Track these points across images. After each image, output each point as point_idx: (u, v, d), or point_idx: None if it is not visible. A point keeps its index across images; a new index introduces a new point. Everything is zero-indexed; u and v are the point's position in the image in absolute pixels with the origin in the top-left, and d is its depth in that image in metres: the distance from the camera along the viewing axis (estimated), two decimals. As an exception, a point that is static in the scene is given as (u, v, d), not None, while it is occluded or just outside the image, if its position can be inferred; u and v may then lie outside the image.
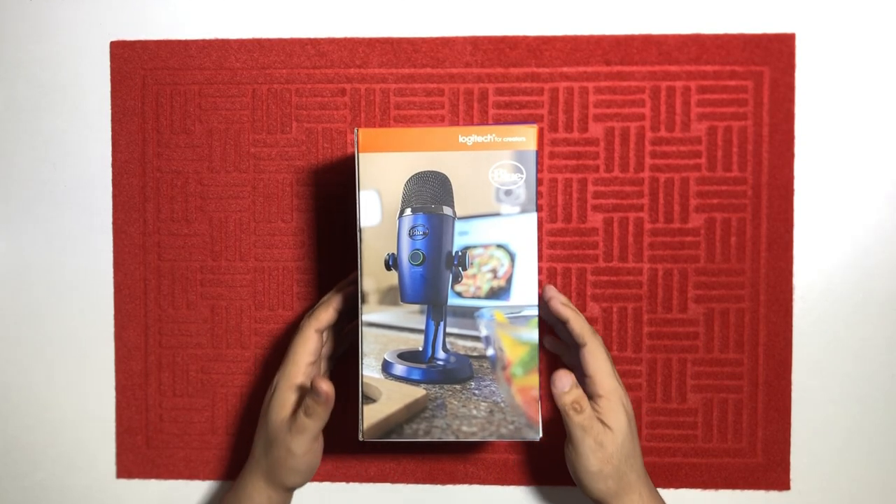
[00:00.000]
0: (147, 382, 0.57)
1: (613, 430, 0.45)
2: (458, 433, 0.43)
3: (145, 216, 0.56)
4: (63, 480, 0.58)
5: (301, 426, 0.44)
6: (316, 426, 0.44)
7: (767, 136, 0.54)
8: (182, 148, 0.56)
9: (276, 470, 0.46)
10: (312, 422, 0.43)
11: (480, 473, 0.56)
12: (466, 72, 0.55)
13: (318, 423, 0.44)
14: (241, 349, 0.57)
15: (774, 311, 0.55)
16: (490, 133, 0.42)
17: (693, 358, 0.55)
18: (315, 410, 0.43)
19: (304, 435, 0.44)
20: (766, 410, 0.55)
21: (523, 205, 0.43)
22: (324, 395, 0.42)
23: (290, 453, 0.45)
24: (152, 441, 0.57)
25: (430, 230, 0.43)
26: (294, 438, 0.44)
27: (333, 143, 0.56)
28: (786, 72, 0.54)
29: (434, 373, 0.43)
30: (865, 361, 0.55)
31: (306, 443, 0.44)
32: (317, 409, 0.43)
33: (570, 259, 0.55)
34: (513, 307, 0.43)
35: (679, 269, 0.55)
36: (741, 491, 0.56)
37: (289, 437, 0.44)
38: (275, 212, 0.56)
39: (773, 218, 0.55)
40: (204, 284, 0.56)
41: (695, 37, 0.54)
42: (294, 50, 0.55)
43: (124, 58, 0.56)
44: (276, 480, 0.47)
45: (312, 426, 0.44)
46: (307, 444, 0.44)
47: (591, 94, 0.55)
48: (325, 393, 0.42)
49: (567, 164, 0.55)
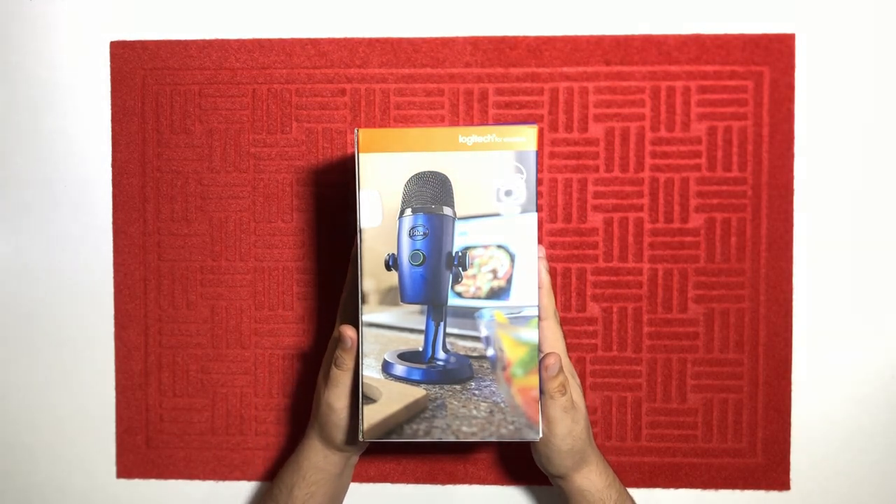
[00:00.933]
0: (147, 382, 0.57)
1: (578, 408, 0.46)
2: (458, 433, 0.43)
3: (145, 216, 0.56)
4: (63, 480, 0.58)
5: (334, 379, 0.45)
6: (347, 377, 0.45)
7: (767, 136, 0.54)
8: (182, 148, 0.56)
9: (324, 429, 0.47)
10: (343, 373, 0.45)
11: (480, 473, 0.56)
12: (466, 72, 0.55)
13: (348, 373, 0.45)
14: (241, 349, 0.57)
15: (774, 311, 0.55)
16: (490, 133, 0.42)
17: (693, 358, 0.55)
18: (343, 360, 0.44)
19: (339, 387, 0.45)
20: (766, 410, 0.55)
21: (523, 205, 0.43)
22: (349, 342, 0.43)
23: (331, 408, 0.46)
24: (152, 441, 0.57)
25: (430, 230, 0.43)
26: (331, 392, 0.45)
27: (333, 143, 0.56)
28: (786, 72, 0.54)
29: (434, 373, 0.43)
30: (865, 362, 0.55)
31: (343, 396, 0.45)
32: (345, 358, 0.44)
33: (570, 259, 0.55)
34: (513, 307, 0.43)
35: (679, 269, 0.55)
36: (741, 491, 0.56)
37: (327, 393, 0.46)
38: (275, 212, 0.56)
39: (773, 218, 0.55)
40: (204, 284, 0.56)
41: (695, 37, 0.54)
42: (294, 50, 0.55)
43: (124, 58, 0.56)
44: (327, 439, 0.48)
45: (344, 377, 0.45)
46: (345, 398, 0.45)
47: (591, 94, 0.55)
48: (351, 339, 0.43)
49: (567, 164, 0.55)
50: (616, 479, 0.49)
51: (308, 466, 0.49)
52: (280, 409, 0.57)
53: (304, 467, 0.49)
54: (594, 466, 0.48)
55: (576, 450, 0.46)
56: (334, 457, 0.49)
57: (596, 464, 0.48)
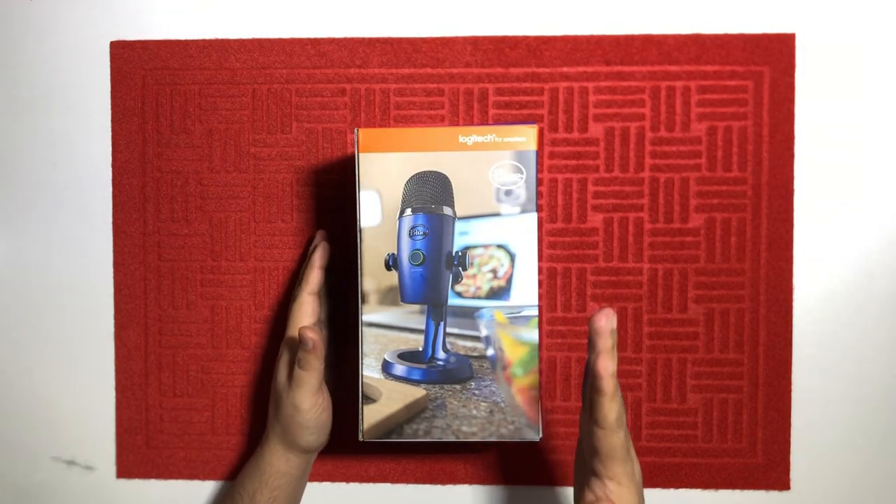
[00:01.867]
0: (147, 382, 0.57)
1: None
2: (458, 433, 0.43)
3: (145, 216, 0.56)
4: (63, 480, 0.58)
5: (299, 380, 0.45)
6: (312, 377, 0.45)
7: (767, 136, 0.54)
8: (182, 148, 0.56)
9: (288, 430, 0.47)
10: (307, 373, 0.44)
11: (480, 473, 0.56)
12: (466, 72, 0.55)
13: (313, 373, 0.45)
14: (241, 349, 0.57)
15: (774, 311, 0.55)
16: (490, 133, 0.42)
17: (693, 358, 0.55)
18: (308, 360, 0.44)
19: (304, 388, 0.45)
20: (766, 410, 0.55)
21: (523, 205, 0.43)
22: (311, 343, 0.43)
23: (296, 409, 0.46)
24: (152, 441, 0.57)
25: (430, 230, 0.43)
26: (295, 393, 0.45)
27: (333, 143, 0.56)
28: (786, 72, 0.54)
29: (434, 373, 0.43)
30: (865, 361, 0.55)
31: (309, 396, 0.45)
32: (309, 359, 0.44)
33: (570, 259, 0.55)
34: (513, 307, 0.43)
35: (679, 269, 0.55)
36: (741, 491, 0.56)
37: (291, 394, 0.46)
38: (275, 212, 0.56)
39: (773, 218, 0.55)
40: (204, 284, 0.56)
41: (695, 37, 0.54)
42: (294, 50, 0.55)
43: (124, 58, 0.56)
44: (290, 441, 0.48)
45: (309, 377, 0.45)
46: (310, 398, 0.45)
47: (591, 94, 0.55)
48: (313, 340, 0.43)
49: (567, 164, 0.55)
50: None
51: (270, 472, 0.48)
52: (280, 409, 0.57)
53: (266, 472, 0.48)
54: None
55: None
56: (297, 459, 0.49)
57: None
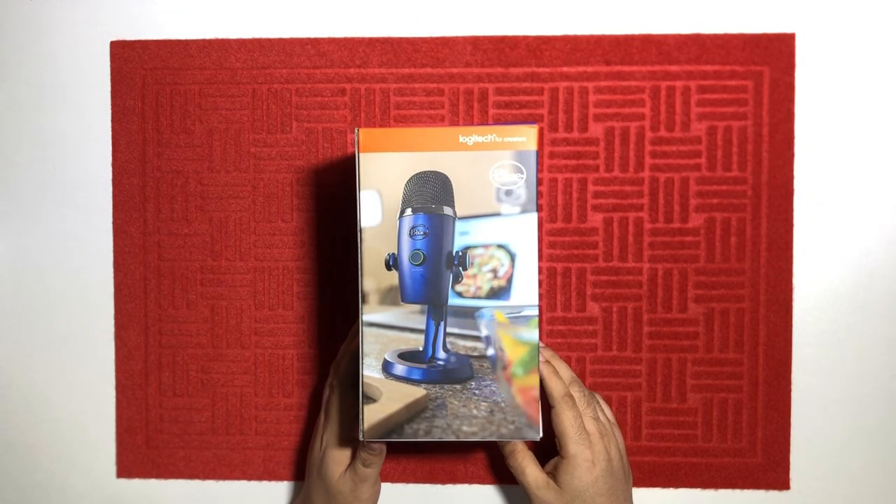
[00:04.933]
0: (147, 382, 0.57)
1: (563, 489, 0.48)
2: (458, 433, 0.43)
3: (145, 216, 0.56)
4: (63, 480, 0.58)
5: (363, 476, 0.48)
6: (375, 472, 0.49)
7: (767, 136, 0.54)
8: (182, 148, 0.56)
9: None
10: (372, 470, 0.49)
11: (480, 473, 0.56)
12: (466, 72, 0.55)
13: (376, 469, 0.49)
14: (241, 349, 0.57)
15: (774, 311, 0.55)
16: (490, 133, 0.42)
17: (693, 358, 0.55)
18: (372, 461, 0.48)
19: (367, 482, 0.49)
20: (766, 410, 0.55)
21: (523, 205, 0.43)
22: (378, 448, 0.47)
23: (357, 499, 0.49)
24: (152, 441, 0.57)
25: (430, 230, 0.43)
26: (359, 488, 0.49)
27: (333, 143, 0.56)
28: (786, 72, 0.54)
29: (434, 373, 0.43)
30: (865, 361, 0.55)
31: (370, 488, 0.50)
32: (374, 460, 0.48)
33: (570, 259, 0.55)
34: (513, 307, 0.43)
35: (679, 269, 0.55)
36: (741, 491, 0.56)
37: (355, 489, 0.49)
38: (275, 212, 0.56)
39: (773, 218, 0.55)
40: (204, 284, 0.56)
41: (695, 37, 0.54)
42: (294, 50, 0.55)
43: (124, 58, 0.56)
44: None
45: (373, 473, 0.49)
46: (370, 489, 0.50)
47: (591, 94, 0.55)
48: (379, 447, 0.47)
49: (567, 164, 0.55)
50: None
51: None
52: (280, 409, 0.57)
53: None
54: None
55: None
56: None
57: None
